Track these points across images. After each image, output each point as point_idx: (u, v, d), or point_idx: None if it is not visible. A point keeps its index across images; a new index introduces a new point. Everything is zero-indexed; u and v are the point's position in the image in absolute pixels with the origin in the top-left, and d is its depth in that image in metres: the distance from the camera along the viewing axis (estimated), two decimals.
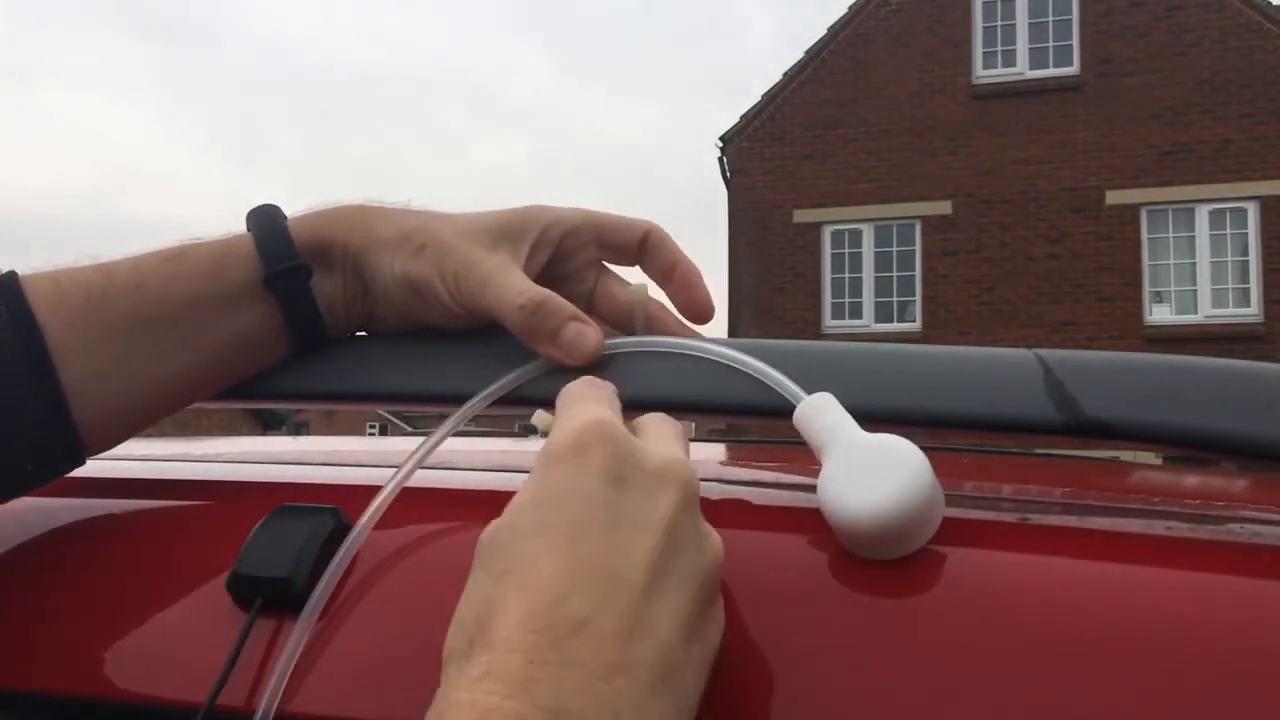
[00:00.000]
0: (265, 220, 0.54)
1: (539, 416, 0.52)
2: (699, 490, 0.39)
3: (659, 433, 0.42)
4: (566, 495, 0.36)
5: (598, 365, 0.52)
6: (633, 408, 0.52)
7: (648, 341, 0.53)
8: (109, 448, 0.53)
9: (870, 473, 0.42)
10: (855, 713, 0.39)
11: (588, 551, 0.35)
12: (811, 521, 0.44)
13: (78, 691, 0.48)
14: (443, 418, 0.51)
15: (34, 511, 0.56)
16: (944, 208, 12.63)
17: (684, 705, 0.35)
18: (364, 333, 0.58)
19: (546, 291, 0.52)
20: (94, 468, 0.54)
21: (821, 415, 0.45)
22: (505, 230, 0.54)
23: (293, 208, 0.56)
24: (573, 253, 0.56)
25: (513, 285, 0.51)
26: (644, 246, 0.57)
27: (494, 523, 0.37)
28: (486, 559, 0.36)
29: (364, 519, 0.46)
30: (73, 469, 0.51)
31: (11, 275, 0.50)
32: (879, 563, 0.43)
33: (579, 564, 0.34)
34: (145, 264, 0.51)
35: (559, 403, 0.42)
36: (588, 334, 0.51)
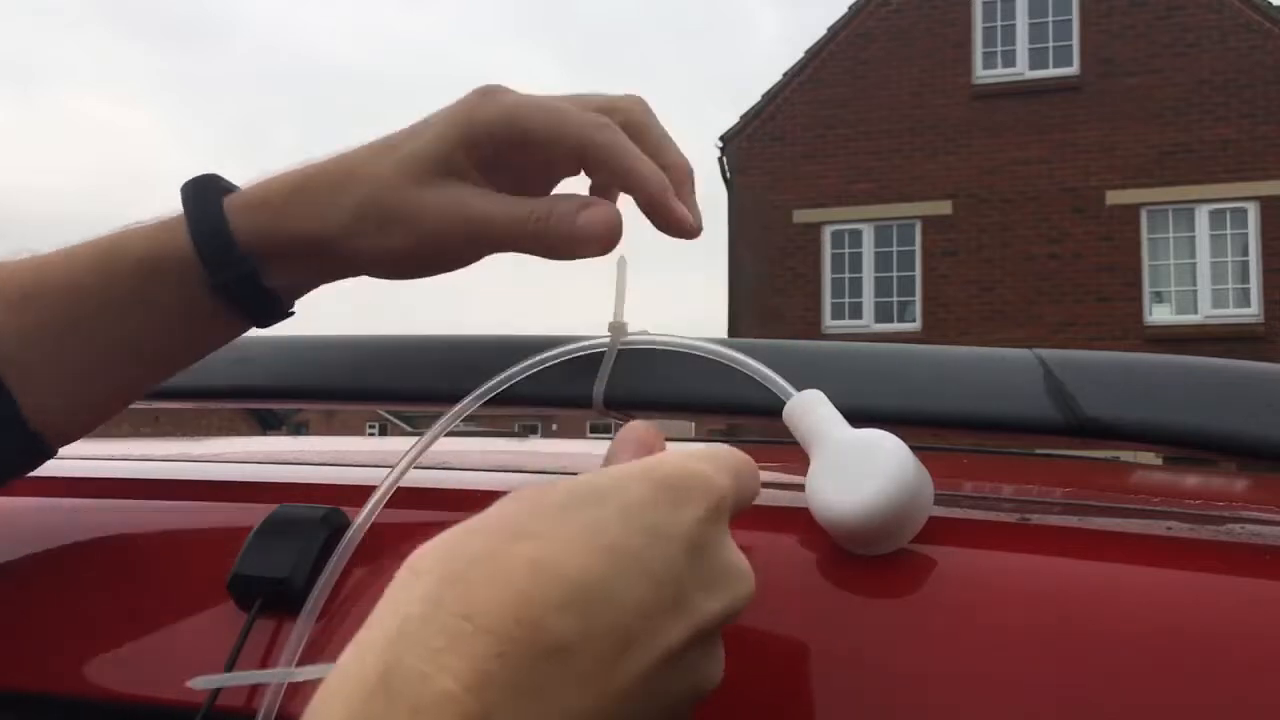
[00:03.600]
0: (201, 213, 0.49)
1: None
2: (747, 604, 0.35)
3: (733, 542, 0.36)
4: (640, 522, 0.31)
5: (592, 361, 0.52)
6: (627, 407, 0.52)
7: (641, 340, 0.53)
8: (77, 437, 0.52)
9: (855, 470, 0.42)
10: (854, 712, 0.39)
11: (621, 590, 0.29)
12: (812, 522, 0.44)
13: (78, 691, 0.48)
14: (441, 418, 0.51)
15: (34, 511, 0.56)
16: (944, 208, 12.63)
17: None
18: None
19: (544, 197, 0.49)
20: (94, 468, 0.54)
21: (810, 412, 0.45)
22: (446, 155, 0.48)
23: None
24: (512, 155, 0.50)
25: (509, 212, 0.48)
26: (584, 163, 0.50)
27: (551, 483, 0.33)
28: (516, 504, 0.32)
29: (360, 519, 0.46)
30: (41, 463, 0.51)
31: None
32: (878, 563, 0.43)
33: (601, 593, 0.29)
34: (78, 258, 0.49)
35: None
36: (603, 213, 0.48)
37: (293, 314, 0.53)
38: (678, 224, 0.49)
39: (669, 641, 0.30)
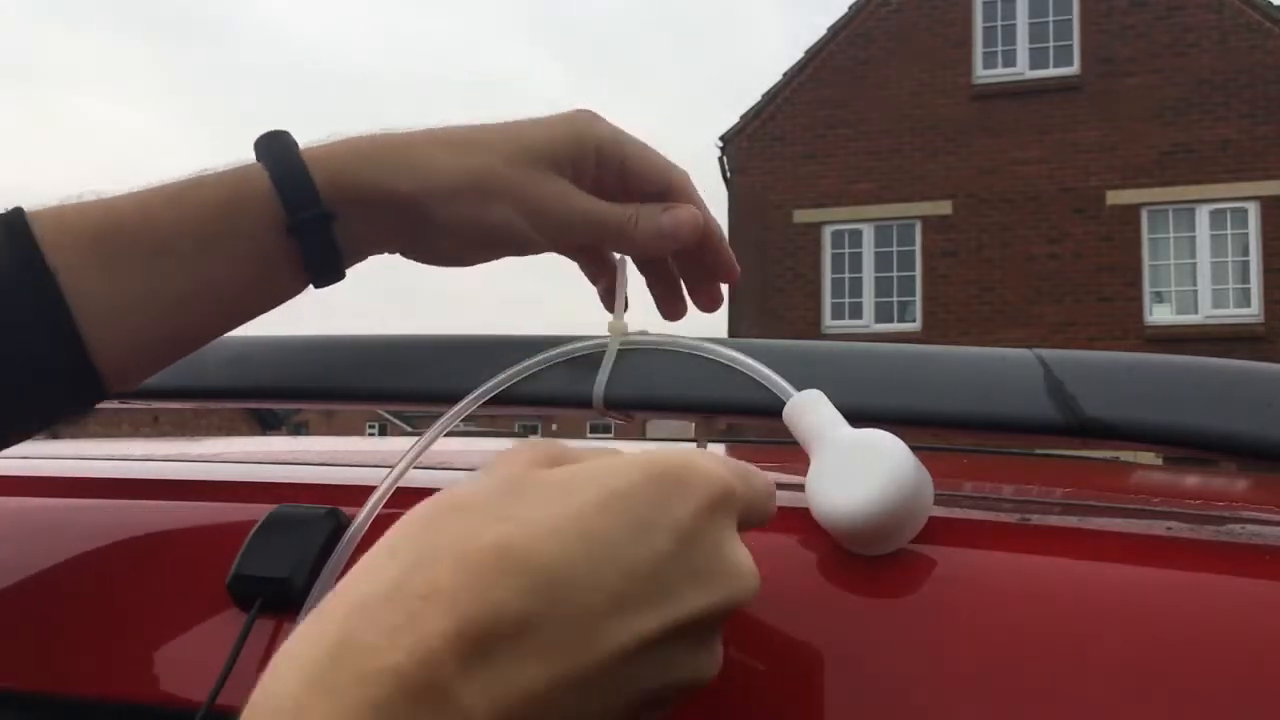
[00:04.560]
0: (279, 154, 0.51)
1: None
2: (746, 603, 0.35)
3: (738, 540, 0.35)
4: (625, 513, 0.31)
5: (592, 361, 0.52)
6: (627, 407, 0.52)
7: (641, 340, 0.53)
8: (138, 382, 0.53)
9: (855, 470, 0.42)
10: (854, 713, 0.39)
11: (590, 578, 0.30)
12: (812, 521, 0.44)
13: (78, 691, 0.48)
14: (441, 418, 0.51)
15: (34, 511, 0.56)
16: (944, 208, 12.63)
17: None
18: (395, 253, 0.56)
19: (633, 204, 0.55)
20: (94, 468, 0.54)
21: (809, 412, 0.45)
22: (554, 154, 0.54)
23: None
24: (605, 173, 0.57)
25: (603, 211, 0.54)
26: (665, 195, 0.56)
27: (548, 455, 0.34)
28: (501, 478, 0.32)
29: (359, 519, 0.46)
30: (93, 406, 0.51)
31: (18, 214, 0.48)
32: (878, 563, 0.43)
33: (567, 579, 0.29)
34: (152, 203, 0.50)
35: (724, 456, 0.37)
36: (683, 214, 0.55)
37: (343, 278, 0.54)
38: (729, 262, 0.58)
39: (641, 630, 0.30)
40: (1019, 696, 0.38)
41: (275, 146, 0.51)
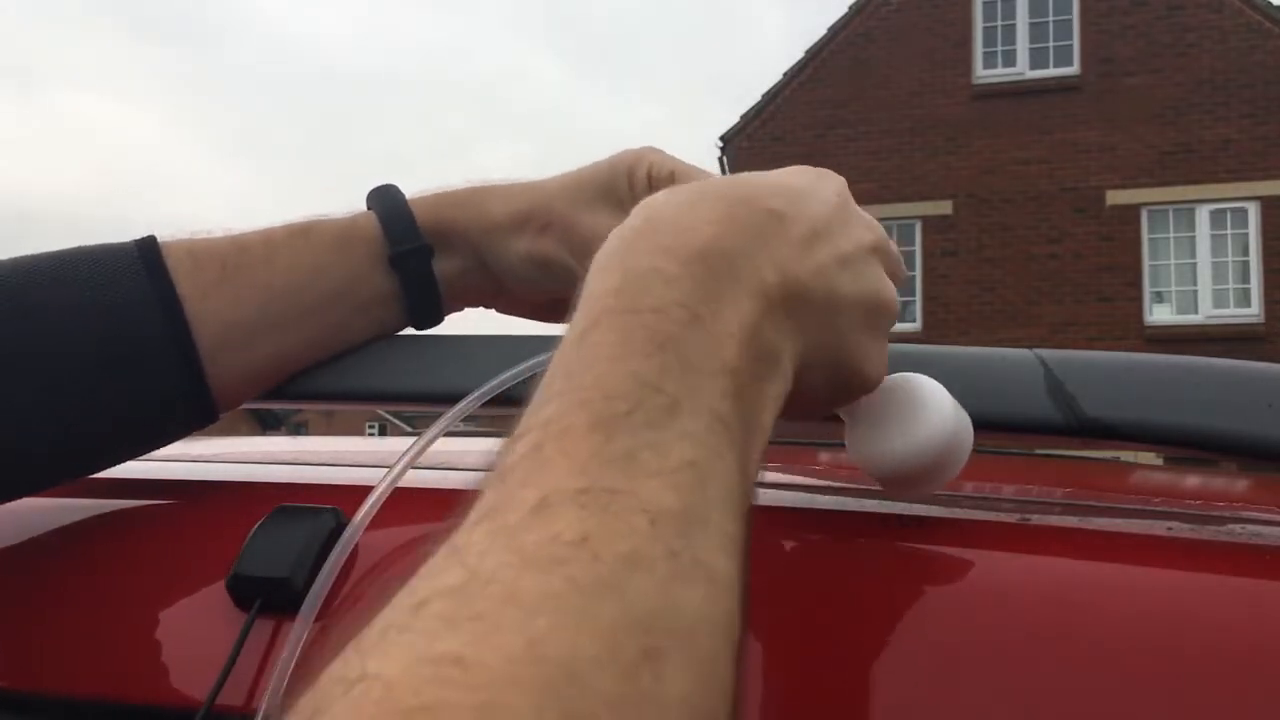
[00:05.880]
0: (387, 200, 0.57)
1: None
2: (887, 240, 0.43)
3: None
4: (806, 175, 0.41)
5: None
6: None
7: None
8: (238, 405, 0.56)
9: (896, 412, 0.42)
10: (854, 712, 0.39)
11: (812, 198, 0.39)
12: (811, 522, 0.44)
13: (78, 691, 0.48)
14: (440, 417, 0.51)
15: (34, 511, 0.56)
16: (944, 208, 12.63)
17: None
18: (488, 308, 0.61)
19: None
20: None
21: None
22: (608, 187, 0.57)
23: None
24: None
25: None
26: None
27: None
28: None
29: (358, 518, 0.46)
30: (205, 426, 0.54)
31: (152, 243, 0.52)
32: (879, 563, 0.43)
33: (799, 194, 0.38)
34: (275, 237, 0.54)
35: None
36: None
37: (441, 321, 0.59)
38: None
39: (842, 246, 0.38)
40: (1019, 696, 0.38)
41: (383, 194, 0.57)
